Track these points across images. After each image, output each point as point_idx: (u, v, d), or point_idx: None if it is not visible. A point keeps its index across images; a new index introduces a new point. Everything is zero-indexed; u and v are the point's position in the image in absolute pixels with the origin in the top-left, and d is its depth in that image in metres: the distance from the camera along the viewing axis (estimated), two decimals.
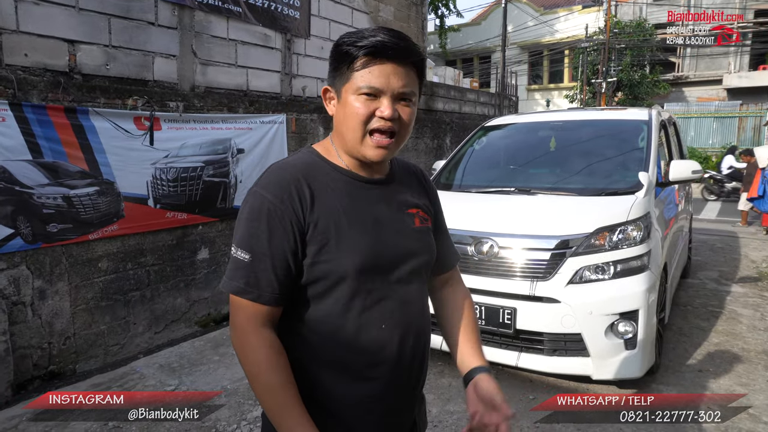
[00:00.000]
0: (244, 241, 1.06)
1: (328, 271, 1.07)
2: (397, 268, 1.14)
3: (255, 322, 1.05)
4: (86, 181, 3.61)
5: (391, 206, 1.18)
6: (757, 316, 4.60)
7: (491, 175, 4.33)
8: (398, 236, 1.16)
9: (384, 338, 1.11)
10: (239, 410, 3.05)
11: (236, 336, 1.06)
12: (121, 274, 3.91)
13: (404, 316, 1.15)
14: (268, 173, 1.11)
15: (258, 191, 1.08)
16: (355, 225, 1.09)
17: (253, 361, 1.04)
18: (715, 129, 17.76)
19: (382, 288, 1.12)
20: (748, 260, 6.79)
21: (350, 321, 1.09)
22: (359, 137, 1.08)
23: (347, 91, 1.08)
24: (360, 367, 1.11)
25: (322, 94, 1.16)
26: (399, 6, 7.41)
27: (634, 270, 3.09)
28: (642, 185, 3.43)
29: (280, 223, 1.04)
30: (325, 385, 1.10)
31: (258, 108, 5.05)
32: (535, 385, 3.33)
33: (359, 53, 1.05)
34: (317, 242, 1.06)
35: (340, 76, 1.09)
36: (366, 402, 1.12)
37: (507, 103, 11.90)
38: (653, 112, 4.36)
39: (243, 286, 1.05)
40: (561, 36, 23.07)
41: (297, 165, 1.12)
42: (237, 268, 1.06)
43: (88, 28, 3.68)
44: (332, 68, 1.12)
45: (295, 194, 1.06)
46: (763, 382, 3.36)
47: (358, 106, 1.06)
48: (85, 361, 3.70)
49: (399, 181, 1.23)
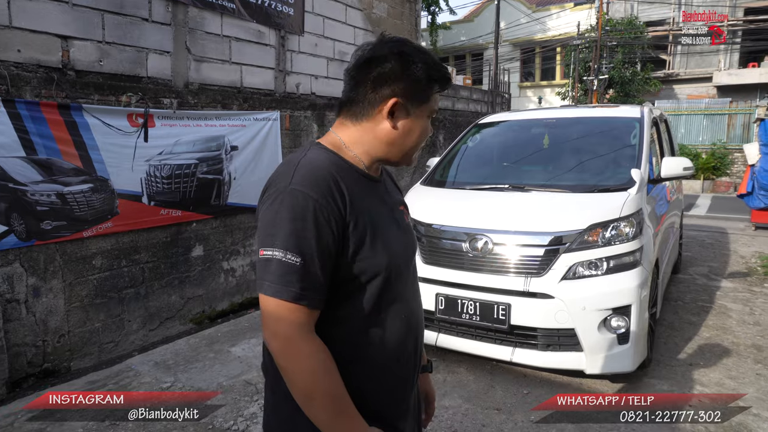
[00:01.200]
0: (292, 243, 0.99)
1: (365, 268, 1.08)
2: (408, 261, 1.22)
3: (305, 329, 1.01)
4: (80, 178, 3.59)
5: (389, 204, 1.24)
6: (747, 310, 4.67)
7: (485, 172, 4.36)
8: (405, 232, 1.23)
9: (405, 329, 1.17)
10: (236, 407, 3.06)
11: (283, 345, 1.00)
12: (116, 271, 3.90)
13: (415, 306, 1.23)
14: (303, 170, 1.06)
15: (298, 189, 1.02)
16: (383, 222, 1.14)
17: (308, 369, 0.99)
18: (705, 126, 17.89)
19: (399, 281, 1.16)
20: (738, 256, 6.88)
21: (379, 315, 1.12)
22: (411, 151, 1.19)
23: (424, 111, 1.15)
24: (387, 358, 1.14)
25: (390, 105, 1.11)
26: (393, 3, 7.40)
27: (627, 266, 3.12)
28: (634, 182, 3.46)
29: (326, 221, 1.02)
30: (355, 380, 1.09)
31: (252, 105, 5.04)
32: (530, 380, 3.37)
33: (442, 86, 1.16)
34: (355, 241, 1.06)
35: (420, 95, 1.14)
36: (391, 392, 1.17)
37: (500, 100, 11.93)
38: (645, 109, 4.41)
39: (300, 291, 0.99)
40: (553, 33, 23.13)
41: (327, 163, 1.10)
42: (288, 272, 0.99)
43: (81, 23, 3.65)
44: (413, 85, 1.11)
45: (336, 192, 1.04)
46: (753, 375, 3.41)
47: (427, 126, 1.18)
48: (80, 359, 3.69)
49: (384, 181, 1.29)
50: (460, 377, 3.41)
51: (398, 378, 1.18)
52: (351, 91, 1.14)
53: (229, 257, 4.88)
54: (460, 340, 3.33)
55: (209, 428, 2.84)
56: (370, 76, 1.10)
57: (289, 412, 1.08)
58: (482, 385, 3.30)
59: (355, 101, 1.13)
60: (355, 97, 1.13)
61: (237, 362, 3.69)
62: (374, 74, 1.10)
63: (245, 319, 4.67)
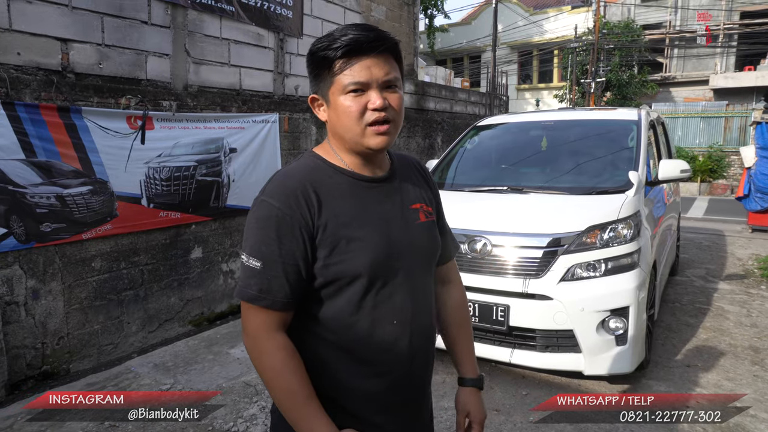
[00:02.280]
0: (255, 249, 1.07)
1: (340, 272, 1.08)
2: (406, 264, 1.16)
3: (268, 328, 1.07)
4: (79, 181, 3.60)
5: (395, 203, 1.19)
6: (744, 312, 4.69)
7: (483, 174, 4.38)
8: (405, 233, 1.18)
9: (396, 333, 1.14)
10: (235, 408, 3.07)
11: (250, 342, 1.09)
12: (115, 273, 3.90)
13: (414, 310, 1.18)
14: (274, 181, 1.13)
15: (265, 200, 1.09)
16: (363, 225, 1.11)
17: (269, 365, 1.06)
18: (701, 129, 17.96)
19: (392, 284, 1.14)
20: (735, 258, 6.90)
21: (363, 318, 1.11)
22: (359, 132, 1.10)
23: (334, 93, 1.11)
24: (373, 362, 1.13)
25: (310, 103, 1.19)
26: (391, 6, 7.43)
27: (625, 267, 3.14)
28: (632, 184, 3.48)
29: (289, 230, 1.06)
30: (339, 381, 1.12)
31: (251, 107, 5.06)
32: (528, 381, 3.38)
33: (336, 55, 1.08)
34: (328, 245, 1.08)
35: (324, 81, 1.13)
36: (380, 397, 1.15)
37: (498, 103, 11.97)
38: (642, 112, 4.43)
39: (256, 293, 1.06)
40: (550, 36, 23.23)
41: (302, 171, 1.14)
42: (249, 276, 1.07)
43: (80, 26, 3.66)
44: (313, 76, 1.15)
45: (302, 200, 1.07)
46: (750, 376, 3.43)
47: (350, 104, 1.09)
48: (79, 361, 3.69)
49: (400, 177, 1.24)
50: None
51: (385, 385, 1.15)
52: None
53: (228, 259, 4.89)
54: None
55: (209, 429, 2.85)
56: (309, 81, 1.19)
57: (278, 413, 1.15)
58: None
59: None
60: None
61: (236, 364, 3.69)
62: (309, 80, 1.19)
63: None
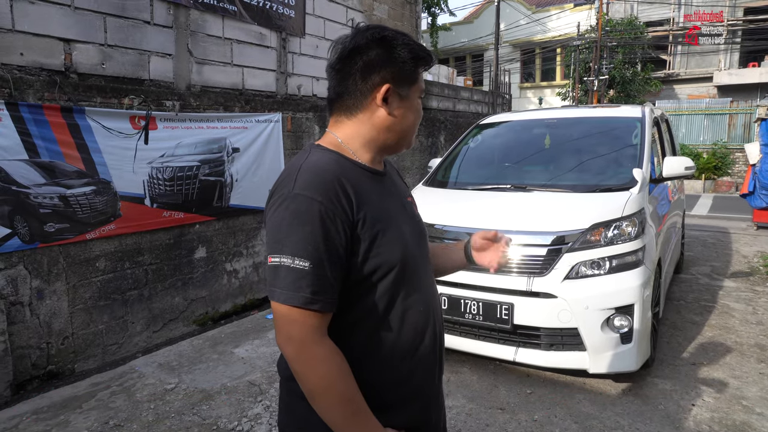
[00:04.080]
0: (300, 248, 0.99)
1: (378, 264, 1.08)
2: (422, 252, 1.22)
3: (318, 333, 1.01)
4: (83, 181, 3.61)
5: (399, 196, 1.24)
6: (749, 310, 4.67)
7: (487, 173, 4.36)
8: (416, 223, 1.24)
9: (423, 321, 1.16)
10: (239, 407, 3.07)
11: (297, 349, 1.00)
12: (119, 273, 3.91)
13: (432, 297, 1.23)
14: (306, 174, 1.05)
15: (302, 194, 1.02)
16: (391, 217, 1.14)
17: (323, 373, 1.00)
18: (705, 126, 17.88)
19: (415, 273, 1.16)
20: (740, 255, 6.87)
21: (396, 308, 1.12)
22: (413, 132, 1.19)
23: (414, 92, 1.15)
24: (405, 351, 1.13)
25: (384, 92, 1.10)
26: (393, 5, 7.42)
27: (630, 265, 3.12)
28: (636, 181, 3.47)
29: (332, 224, 1.01)
30: (370, 377, 1.10)
31: (254, 107, 5.06)
32: (533, 380, 3.37)
33: (426, 63, 1.15)
34: (367, 238, 1.06)
35: (409, 77, 1.14)
36: (409, 387, 1.15)
37: (500, 101, 11.94)
38: (646, 109, 4.41)
39: (310, 296, 0.99)
40: (553, 34, 23.15)
41: (330, 164, 1.09)
42: (298, 278, 0.99)
43: (83, 27, 3.67)
44: (401, 68, 1.11)
45: (341, 193, 1.04)
46: (756, 374, 3.41)
47: (420, 106, 1.20)
48: (84, 361, 3.69)
49: (390, 173, 1.29)
50: (464, 377, 3.41)
51: (419, 370, 1.16)
52: (339, 86, 1.13)
53: (232, 259, 4.89)
54: (464, 340, 3.33)
55: (213, 429, 2.85)
56: (356, 66, 1.09)
57: (304, 412, 1.09)
58: (486, 385, 3.30)
59: (346, 95, 1.12)
60: (345, 91, 1.12)
61: (240, 363, 3.69)
62: (360, 64, 1.09)
63: (248, 320, 4.67)
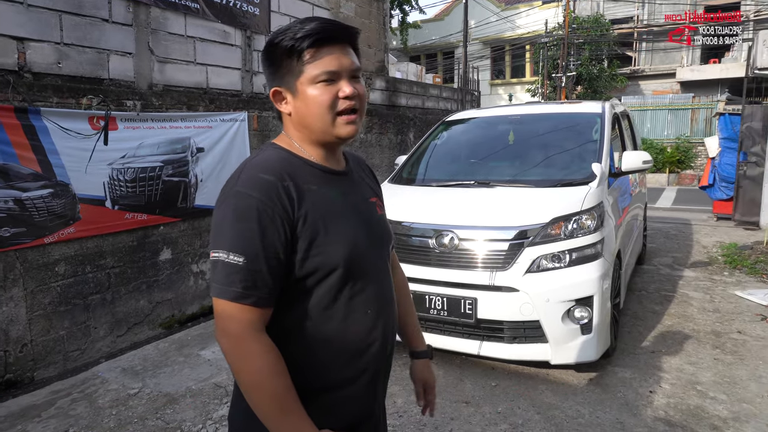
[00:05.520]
0: (236, 244, 1.01)
1: (320, 263, 1.07)
2: (374, 254, 1.20)
3: (253, 328, 1.02)
4: (39, 184, 3.51)
5: (358, 196, 1.23)
6: (707, 298, 4.83)
7: (452, 169, 4.41)
8: (371, 224, 1.22)
9: (370, 323, 1.15)
10: (204, 410, 3.04)
11: (232, 344, 1.01)
12: (80, 277, 3.82)
13: (383, 300, 1.21)
14: (248, 172, 1.08)
15: (242, 191, 1.04)
16: (338, 216, 1.12)
17: (255, 369, 1.00)
18: (669, 121, 18.39)
19: (364, 275, 1.15)
20: (700, 246, 7.10)
21: (339, 310, 1.11)
22: (330, 121, 1.11)
23: (303, 83, 1.10)
24: (349, 353, 1.13)
25: (272, 97, 1.15)
26: (360, 2, 7.42)
27: (589, 258, 3.20)
28: (595, 176, 3.55)
29: (271, 221, 1.02)
30: (312, 376, 1.10)
31: (218, 106, 5.00)
32: (497, 373, 3.42)
33: (306, 45, 1.08)
34: (307, 236, 1.06)
35: (289, 73, 1.11)
36: (353, 388, 1.15)
37: (469, 98, 12.05)
38: (606, 105, 4.51)
39: (241, 290, 1.00)
40: (522, 31, 23.46)
41: (276, 161, 1.11)
42: (231, 272, 1.00)
43: (37, 25, 3.57)
44: (275, 68, 1.13)
45: (282, 191, 1.05)
46: (710, 360, 3.54)
47: (320, 93, 1.09)
48: (44, 368, 3.60)
49: (356, 173, 1.28)
50: None
51: (364, 374, 1.16)
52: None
53: (198, 260, 4.83)
54: (429, 336, 3.35)
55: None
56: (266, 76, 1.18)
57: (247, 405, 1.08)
58: (452, 379, 3.35)
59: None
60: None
61: (207, 365, 3.65)
62: (265, 74, 1.17)
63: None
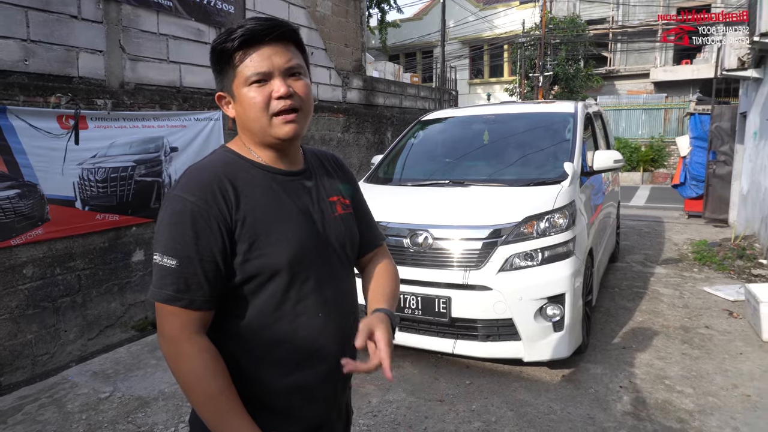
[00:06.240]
0: (169, 247, 1.02)
1: (261, 266, 1.06)
2: (327, 256, 1.17)
3: (188, 330, 1.02)
4: (5, 184, 3.42)
5: (312, 196, 1.20)
6: (677, 294, 4.94)
7: (427, 169, 4.43)
8: (324, 225, 1.18)
9: (321, 326, 1.13)
10: (177, 413, 3.00)
11: (168, 346, 1.02)
12: (49, 280, 3.74)
13: (338, 302, 1.18)
14: (187, 175, 1.09)
15: (178, 195, 1.05)
16: (282, 219, 1.10)
17: (189, 370, 1.00)
18: (643, 120, 18.75)
19: (315, 277, 1.13)
20: (671, 243, 7.25)
21: (287, 313, 1.09)
22: (266, 123, 1.09)
23: (238, 86, 1.10)
24: (299, 357, 1.11)
25: (217, 101, 1.17)
26: (337, 1, 7.39)
27: (561, 256, 3.25)
28: (567, 175, 3.60)
29: (206, 224, 1.02)
30: (263, 380, 1.09)
31: (192, 105, 4.93)
32: (472, 371, 3.45)
33: (234, 46, 1.07)
34: (247, 239, 1.05)
35: (227, 77, 1.11)
36: (305, 392, 1.13)
37: (447, 98, 12.11)
38: (579, 105, 4.58)
39: (172, 293, 1.01)
40: (500, 31, 23.64)
41: (216, 164, 1.11)
42: (164, 275, 1.02)
43: (2, 21, 3.47)
44: (217, 73, 1.14)
45: (218, 194, 1.04)
46: (679, 354, 3.62)
47: (254, 95, 1.08)
48: (11, 374, 3.52)
49: (317, 172, 1.26)
50: (405, 371, 3.46)
51: (317, 377, 1.14)
52: None
53: None
54: (404, 335, 3.37)
55: None
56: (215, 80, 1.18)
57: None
58: (426, 378, 3.36)
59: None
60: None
61: None
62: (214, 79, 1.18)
63: None
